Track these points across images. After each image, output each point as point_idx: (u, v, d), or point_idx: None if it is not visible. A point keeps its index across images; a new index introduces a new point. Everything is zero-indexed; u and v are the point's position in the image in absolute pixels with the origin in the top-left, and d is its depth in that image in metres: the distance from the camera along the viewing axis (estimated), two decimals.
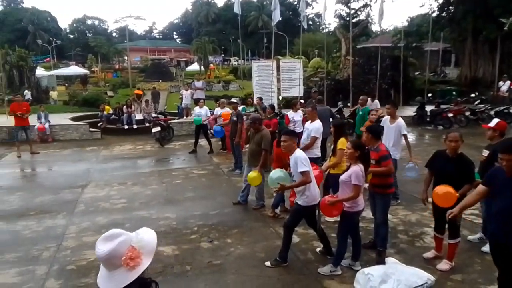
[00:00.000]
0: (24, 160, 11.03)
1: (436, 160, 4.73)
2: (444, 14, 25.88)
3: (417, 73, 28.69)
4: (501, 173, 3.40)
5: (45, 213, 6.77)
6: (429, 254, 4.94)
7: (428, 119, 15.48)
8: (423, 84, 21.22)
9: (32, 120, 12.41)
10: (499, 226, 3.45)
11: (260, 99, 12.19)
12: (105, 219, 6.43)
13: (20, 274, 4.68)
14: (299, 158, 4.63)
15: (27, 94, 20.49)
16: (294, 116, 9.49)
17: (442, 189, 4.31)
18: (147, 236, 1.74)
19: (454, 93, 20.49)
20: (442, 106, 15.65)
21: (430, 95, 19.29)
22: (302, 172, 4.57)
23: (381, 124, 7.18)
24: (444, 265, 4.68)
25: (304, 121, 9.23)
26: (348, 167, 4.51)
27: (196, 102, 14.84)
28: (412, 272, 4.01)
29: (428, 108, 15.82)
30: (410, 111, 16.77)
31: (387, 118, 7.07)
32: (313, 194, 4.68)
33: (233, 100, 10.58)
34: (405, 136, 6.82)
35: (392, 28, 45.57)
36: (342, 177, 4.49)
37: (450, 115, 14.72)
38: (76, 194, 7.75)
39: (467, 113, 15.04)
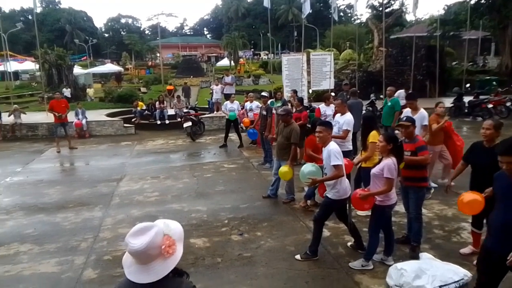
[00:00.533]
0: (63, 155, 11.51)
1: (472, 152, 4.55)
2: (483, 1, 24.66)
3: (455, 63, 27.58)
4: (504, 178, 2.98)
5: (83, 205, 7.04)
6: (466, 249, 4.77)
7: (466, 111, 14.85)
8: (461, 74, 20.41)
9: (71, 116, 12.94)
10: (501, 240, 3.02)
11: (295, 91, 12.13)
12: (139, 211, 6.62)
13: (59, 263, 4.90)
14: (333, 151, 4.56)
15: (66, 91, 21.32)
16: (326, 110, 9.28)
17: (468, 196, 4.05)
18: (173, 224, 1.77)
19: (494, 83, 19.53)
20: (481, 97, 14.97)
21: (468, 85, 18.51)
22: (335, 166, 4.52)
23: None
24: (467, 249, 4.57)
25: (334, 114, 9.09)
26: (380, 160, 4.40)
27: (227, 97, 14.96)
28: (447, 268, 3.87)
29: (466, 99, 15.17)
30: (447, 102, 16.13)
31: (408, 110, 6.96)
32: (344, 187, 4.61)
33: (263, 93, 10.57)
34: (425, 127, 6.62)
35: (428, 17, 43.94)
36: (373, 171, 4.39)
37: (490, 106, 14.06)
38: (111, 187, 8.02)
39: (508, 104, 14.31)
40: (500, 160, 2.93)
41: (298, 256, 4.80)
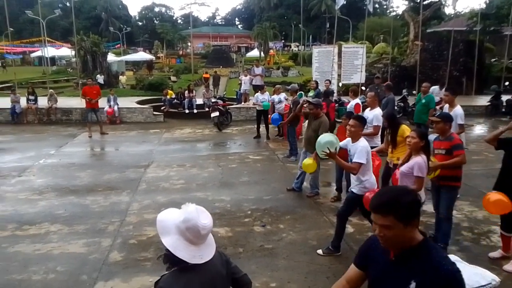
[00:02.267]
0: (94, 140, 11.86)
1: (505, 143, 4.37)
2: None
3: (494, 59, 26.36)
4: (378, 250, 1.81)
5: (111, 189, 7.24)
6: (495, 253, 4.59)
7: (503, 110, 14.22)
8: (500, 72, 19.51)
9: (102, 103, 13.28)
10: None
11: (329, 81, 11.98)
12: (164, 198, 6.74)
13: (87, 245, 5.07)
14: (364, 148, 4.46)
15: (99, 78, 21.90)
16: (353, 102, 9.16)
17: (494, 196, 4.05)
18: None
19: None
20: None
21: (507, 83, 17.68)
22: (355, 162, 4.45)
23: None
24: (511, 266, 4.34)
25: (357, 110, 8.92)
26: (408, 158, 4.29)
27: (255, 88, 14.93)
28: (475, 272, 3.72)
29: (505, 97, 14.50)
30: (484, 100, 15.54)
31: (445, 106, 6.69)
32: (370, 182, 4.52)
33: (293, 85, 10.49)
34: (461, 126, 6.32)
35: (468, 10, 42.11)
36: (402, 169, 4.28)
37: None
38: (139, 173, 8.20)
39: None
40: (373, 220, 1.73)
41: (320, 251, 4.76)
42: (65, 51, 41.48)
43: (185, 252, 1.71)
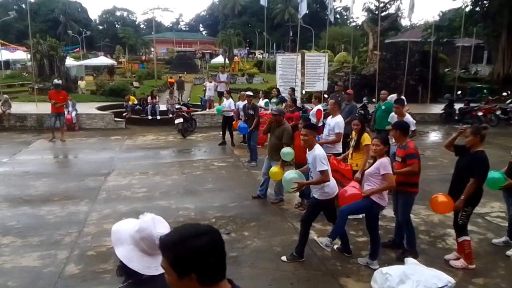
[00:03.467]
0: (51, 147, 11.37)
1: (460, 149, 4.67)
2: (478, 8, 24.93)
3: (447, 69, 27.83)
4: None
5: (69, 199, 6.95)
6: (451, 256, 4.79)
7: (456, 117, 15.00)
8: (453, 81, 20.61)
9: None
10: None
11: (292, 89, 12.14)
12: (125, 207, 6.55)
13: (41, 258, 4.82)
14: (319, 157, 4.52)
15: (57, 83, 21.01)
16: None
17: (440, 198, 4.57)
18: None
19: (485, 91, 19.76)
20: (472, 104, 15.11)
21: (459, 92, 18.71)
22: (321, 171, 4.49)
23: (388, 120, 7.24)
24: (457, 262, 4.61)
25: (319, 116, 9.16)
26: (374, 161, 4.50)
27: (220, 95, 14.93)
28: (432, 274, 3.88)
29: (457, 106, 15.32)
30: (438, 108, 16.31)
31: (394, 115, 7.10)
32: (331, 186, 4.61)
33: (248, 93, 10.57)
34: (413, 132, 6.76)
35: (423, 22, 44.31)
36: (369, 170, 4.47)
37: (480, 113, 14.21)
38: (99, 182, 7.92)
39: (498, 112, 14.49)
40: None
41: (284, 258, 4.78)
42: (20, 54, 39.54)
43: (139, 263, 1.64)
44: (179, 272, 1.28)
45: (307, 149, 4.70)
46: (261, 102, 11.39)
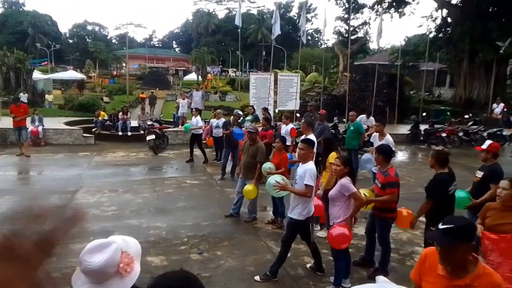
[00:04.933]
0: (14, 162, 10.92)
1: None
2: (441, 35, 26.32)
3: (413, 92, 28.98)
4: None
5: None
6: None
7: (422, 138, 15.58)
8: (418, 103, 21.43)
9: (27, 123, 12.33)
10: None
11: (265, 109, 12.25)
12: (94, 226, 6.33)
13: None
14: (310, 171, 4.58)
15: (23, 97, 20.34)
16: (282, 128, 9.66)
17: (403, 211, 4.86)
18: (131, 240, 1.70)
19: (448, 113, 20.67)
20: (436, 126, 15.76)
21: (424, 114, 19.45)
22: (307, 185, 4.53)
23: (371, 140, 7.41)
24: None
25: (293, 134, 9.35)
26: (336, 182, 4.56)
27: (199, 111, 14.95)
28: None
29: (422, 127, 15.93)
30: (405, 129, 16.89)
31: (376, 135, 7.28)
32: (310, 207, 4.66)
33: (238, 112, 10.73)
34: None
35: (390, 46, 46.22)
36: (331, 193, 4.50)
37: (444, 134, 14.82)
38: (66, 199, 7.65)
39: (461, 134, 15.16)
40: None
41: (257, 277, 4.76)
42: None
43: (75, 277, 1.63)
44: None
45: (302, 162, 4.76)
46: (215, 122, 11.45)
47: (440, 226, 2.21)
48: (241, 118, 11.72)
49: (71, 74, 41.82)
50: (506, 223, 3.58)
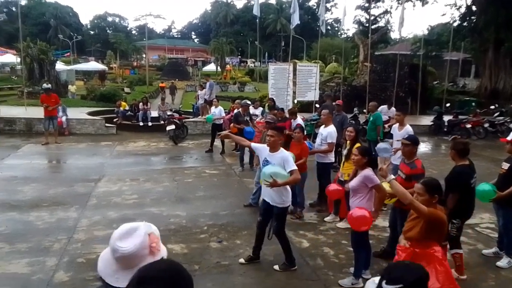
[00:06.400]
0: (40, 151, 11.21)
1: None
2: (465, 24, 25.54)
3: (436, 82, 28.31)
4: None
5: (58, 205, 6.85)
6: None
7: (445, 129, 15.22)
8: (441, 94, 20.93)
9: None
10: None
11: (272, 100, 12.18)
12: (116, 214, 6.48)
13: (30, 264, 4.73)
14: (288, 157, 4.56)
15: (46, 87, 20.78)
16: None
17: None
18: (150, 223, 1.74)
19: (473, 104, 20.14)
20: (460, 117, 15.38)
21: (448, 105, 19.00)
22: (292, 171, 4.45)
23: (391, 131, 7.27)
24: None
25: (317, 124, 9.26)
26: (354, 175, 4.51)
27: (207, 103, 15.00)
28: None
29: (446, 118, 15.56)
30: (427, 120, 16.54)
31: (396, 125, 7.15)
32: (289, 193, 4.68)
33: (246, 102, 10.65)
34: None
35: (412, 36, 45.06)
36: (352, 184, 4.45)
37: (468, 126, 14.45)
38: (89, 187, 7.83)
39: (486, 125, 14.75)
40: None
41: (276, 267, 4.77)
42: (9, 57, 39.08)
43: (105, 266, 1.64)
44: None
45: (271, 151, 4.60)
46: (257, 111, 11.39)
47: (385, 286, 1.67)
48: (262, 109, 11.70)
49: (93, 65, 42.56)
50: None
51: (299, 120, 9.51)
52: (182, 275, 1.34)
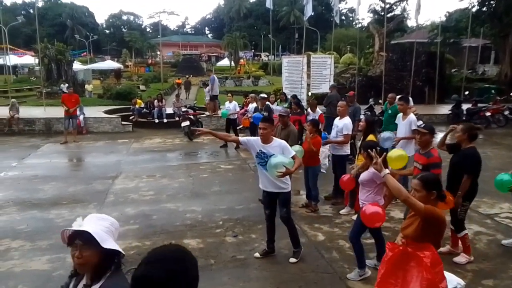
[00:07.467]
0: (59, 150, 11.46)
1: (452, 147, 4.83)
2: (484, 8, 24.72)
3: (454, 70, 27.64)
4: None
5: (77, 202, 7.00)
6: (444, 249, 4.79)
7: (464, 118, 14.86)
8: (460, 82, 20.45)
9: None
10: None
11: (294, 96, 12.11)
12: (133, 210, 6.58)
13: (51, 261, 4.86)
14: (285, 144, 4.63)
15: (64, 87, 21.22)
16: (310, 115, 9.43)
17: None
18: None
19: (493, 91, 19.57)
20: (480, 105, 14.99)
21: (467, 93, 18.55)
22: (293, 156, 4.54)
23: (396, 121, 7.22)
24: (460, 258, 4.69)
25: (322, 120, 9.19)
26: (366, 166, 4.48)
27: (213, 99, 15.03)
28: None
29: (465, 106, 15.19)
30: (445, 109, 16.20)
31: (400, 115, 7.07)
32: (288, 178, 4.69)
33: (262, 95, 10.60)
34: (414, 131, 6.57)
35: (429, 23, 44.12)
36: (362, 177, 4.39)
37: (488, 114, 14.09)
38: (107, 185, 7.98)
39: (506, 112, 14.35)
40: None
41: (292, 259, 4.77)
42: (28, 59, 40.03)
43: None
44: None
45: (265, 142, 4.58)
46: (250, 106, 11.38)
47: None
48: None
49: (109, 64, 43.16)
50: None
51: (319, 112, 9.47)
52: (187, 257, 1.45)
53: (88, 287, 1.81)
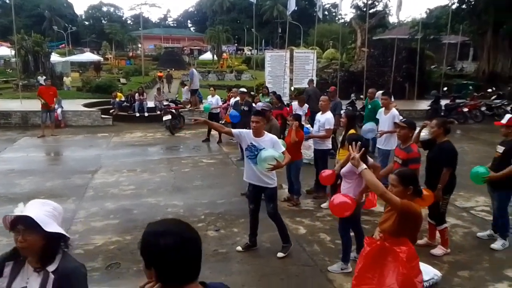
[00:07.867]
0: (36, 144, 11.18)
1: (427, 143, 4.95)
2: (464, 6, 25.21)
3: (434, 66, 28.14)
4: None
5: (55, 197, 6.82)
6: (422, 241, 4.90)
7: (442, 114, 15.17)
8: (439, 78, 20.83)
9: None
10: None
11: (274, 93, 12.12)
12: (113, 204, 6.49)
13: None
14: (276, 139, 4.65)
15: (41, 79, 20.68)
16: (297, 110, 9.45)
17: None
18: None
19: (470, 87, 20.05)
20: (458, 101, 15.33)
21: (445, 89, 18.96)
22: (283, 151, 4.60)
23: (377, 116, 7.35)
24: (437, 250, 4.80)
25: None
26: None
27: (192, 93, 14.93)
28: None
29: (443, 102, 15.51)
30: (425, 105, 16.49)
31: (382, 109, 7.21)
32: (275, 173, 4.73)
33: (242, 90, 10.57)
34: (397, 125, 6.69)
35: (410, 19, 44.64)
36: (343, 170, 4.43)
37: (465, 109, 14.42)
38: (86, 179, 7.83)
39: (483, 108, 14.71)
40: None
41: (280, 254, 4.77)
42: (4, 50, 38.72)
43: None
44: (145, 263, 1.37)
45: (256, 136, 4.62)
46: (233, 100, 11.33)
47: None
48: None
49: (88, 56, 42.17)
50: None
51: (306, 107, 9.52)
52: (189, 227, 1.41)
53: (40, 269, 1.85)
